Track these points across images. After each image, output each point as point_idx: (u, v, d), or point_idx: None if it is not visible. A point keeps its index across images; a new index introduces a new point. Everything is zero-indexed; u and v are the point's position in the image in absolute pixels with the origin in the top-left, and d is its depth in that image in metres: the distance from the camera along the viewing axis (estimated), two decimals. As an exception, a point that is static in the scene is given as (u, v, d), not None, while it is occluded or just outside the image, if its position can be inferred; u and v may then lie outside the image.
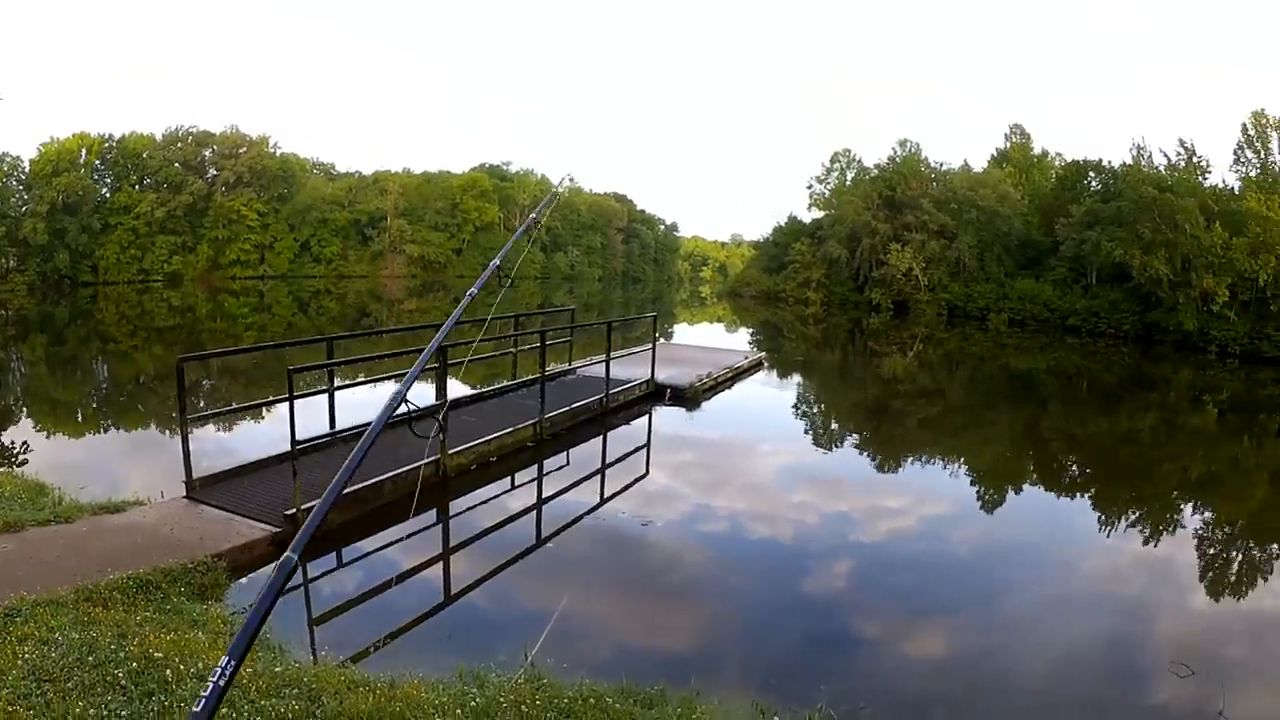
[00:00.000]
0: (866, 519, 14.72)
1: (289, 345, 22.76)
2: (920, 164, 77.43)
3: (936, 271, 66.45)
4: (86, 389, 27.92)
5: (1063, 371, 40.14)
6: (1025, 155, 79.43)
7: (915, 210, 68.85)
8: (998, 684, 8.75)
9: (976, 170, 75.00)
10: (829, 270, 75.17)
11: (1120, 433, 25.10)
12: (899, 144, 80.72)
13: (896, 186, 73.27)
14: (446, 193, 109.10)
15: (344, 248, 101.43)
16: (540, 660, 7.48)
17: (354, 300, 68.96)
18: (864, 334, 55.32)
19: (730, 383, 26.07)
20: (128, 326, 48.17)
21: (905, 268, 66.69)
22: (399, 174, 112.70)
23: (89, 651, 6.35)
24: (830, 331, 56.98)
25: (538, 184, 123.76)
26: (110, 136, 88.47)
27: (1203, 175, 55.89)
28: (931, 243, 66.82)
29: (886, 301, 68.12)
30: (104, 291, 72.16)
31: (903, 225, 69.25)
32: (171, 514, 10.74)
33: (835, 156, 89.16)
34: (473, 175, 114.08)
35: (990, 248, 65.95)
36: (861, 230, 71.52)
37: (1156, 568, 12.94)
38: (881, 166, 79.77)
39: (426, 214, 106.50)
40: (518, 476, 15.09)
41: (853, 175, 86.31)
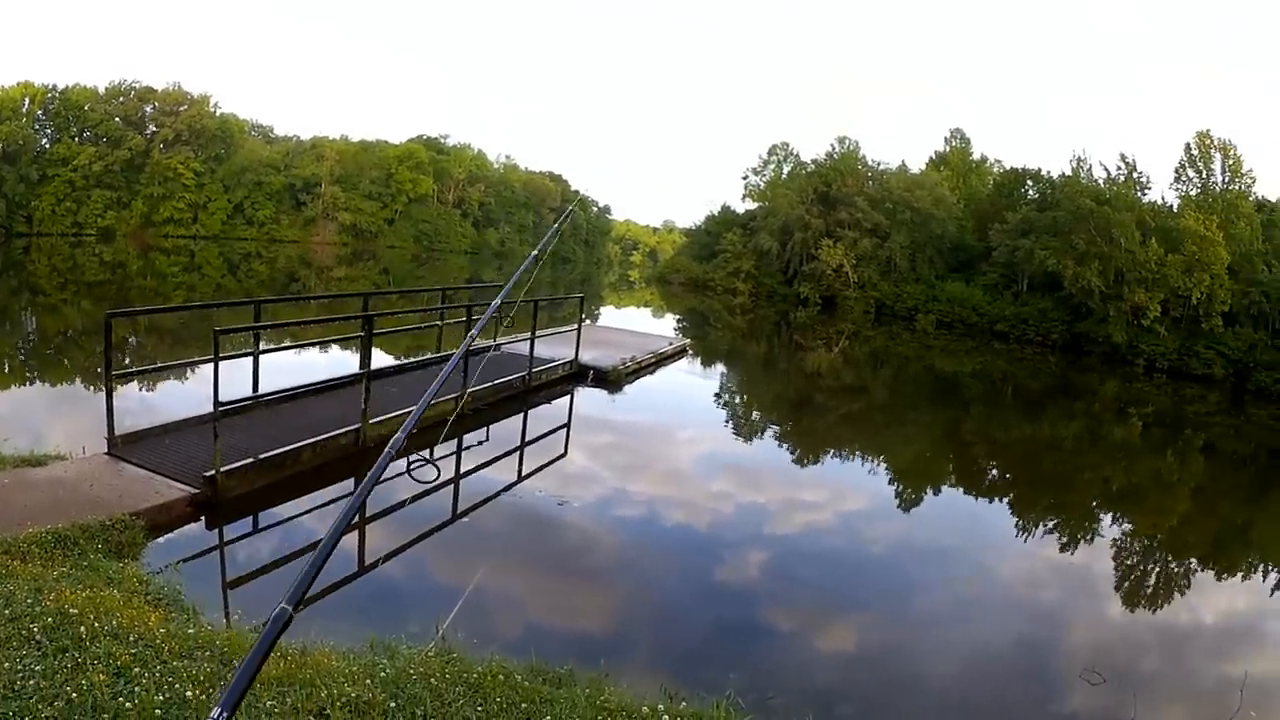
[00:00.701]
0: (783, 511, 14.92)
1: (217, 306, 22.84)
2: (858, 162, 77.81)
3: (867, 269, 66.86)
4: (13, 341, 27.62)
5: (988, 376, 40.75)
6: (964, 160, 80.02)
7: (850, 207, 69.15)
8: (907, 682, 8.93)
9: (914, 171, 75.43)
10: (759, 262, 75.31)
11: (1043, 440, 25.52)
12: (837, 140, 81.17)
13: (832, 183, 73.57)
14: (382, 162, 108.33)
15: (277, 212, 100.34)
16: (451, 634, 7.54)
17: (284, 265, 68.41)
18: (790, 327, 55.65)
19: (654, 368, 26.22)
20: (58, 279, 47.66)
21: (836, 264, 66.98)
22: (336, 141, 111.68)
23: (5, 605, 6.38)
24: (757, 323, 57.32)
25: (473, 159, 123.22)
26: (54, 87, 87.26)
27: (1141, 190, 56.51)
28: (864, 240, 67.20)
29: (815, 296, 68.26)
30: (37, 243, 71.17)
31: (836, 221, 69.52)
32: (92, 470, 10.73)
33: (773, 149, 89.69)
34: (409, 146, 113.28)
35: (923, 249, 66.47)
36: (794, 224, 71.73)
37: (1073, 575, 13.21)
38: (819, 162, 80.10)
39: (361, 182, 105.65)
40: (437, 450, 14.80)
41: (789, 169, 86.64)
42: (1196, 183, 55.43)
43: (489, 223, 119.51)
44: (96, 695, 5.23)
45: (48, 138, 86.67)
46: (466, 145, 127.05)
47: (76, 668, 5.57)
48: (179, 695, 5.43)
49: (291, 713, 5.55)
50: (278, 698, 5.68)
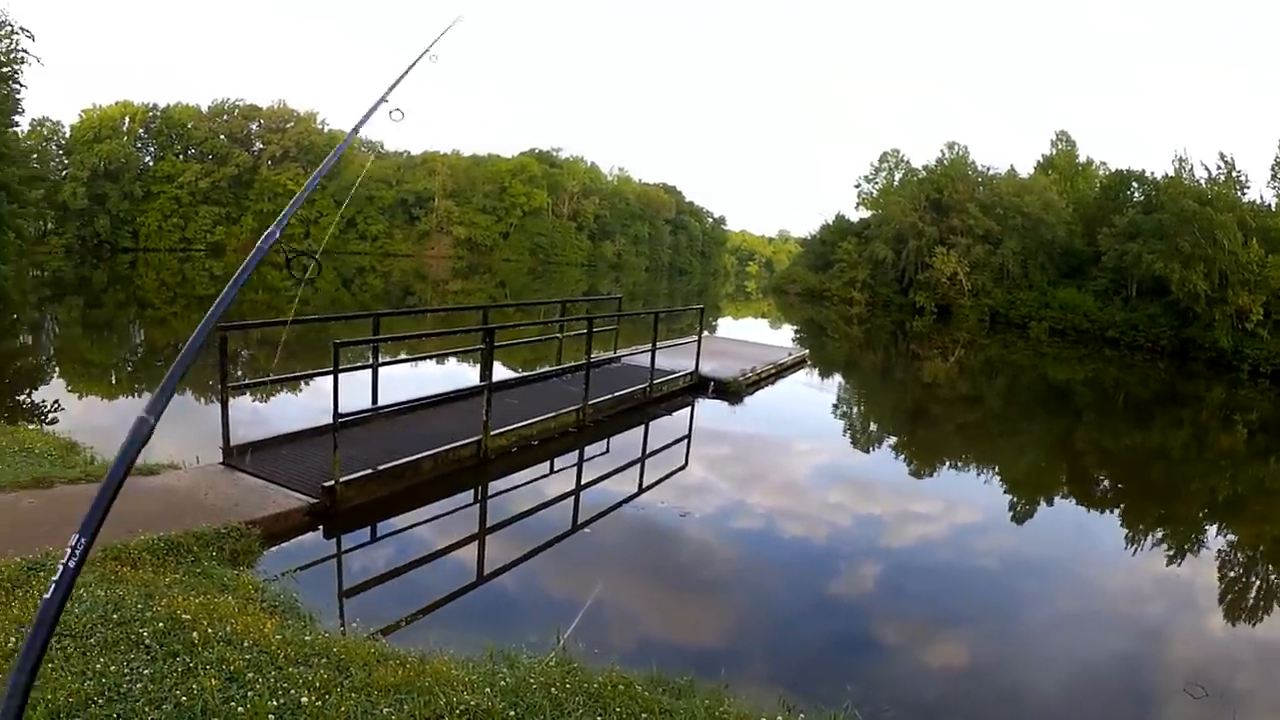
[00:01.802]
0: (897, 523, 14.64)
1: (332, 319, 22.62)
2: (967, 167, 77.18)
3: (980, 277, 66.15)
4: (122, 353, 28.01)
5: (1099, 384, 39.96)
6: (1070, 163, 78.81)
7: (961, 214, 68.59)
8: (1013, 696, 8.68)
9: (1022, 176, 74.59)
10: (874, 271, 74.84)
11: (1152, 448, 24.93)
12: (946, 146, 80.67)
13: (944, 189, 73.10)
14: (495, 176, 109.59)
15: (390, 226, 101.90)
16: (571, 645, 7.40)
17: (399, 279, 69.28)
18: (906, 336, 55.20)
19: (773, 379, 25.86)
20: (167, 293, 48.50)
21: (950, 271, 66.41)
22: (448, 155, 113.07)
23: (114, 609, 6.24)
24: (873, 332, 56.80)
25: (586, 171, 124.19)
26: (154, 106, 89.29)
27: (1241, 190, 55.30)
28: (976, 247, 66.55)
29: (930, 305, 67.83)
30: (144, 258, 72.65)
31: (948, 228, 69.05)
32: (207, 479, 10.67)
33: (884, 156, 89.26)
34: (522, 160, 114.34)
35: (1034, 255, 65.48)
36: (908, 232, 71.29)
37: (1177, 588, 12.81)
38: (929, 168, 79.67)
39: (474, 196, 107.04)
40: (558, 461, 14.96)
41: (901, 176, 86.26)
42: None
43: (604, 235, 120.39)
44: (207, 699, 5.14)
45: (150, 155, 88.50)
46: (579, 158, 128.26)
47: (187, 672, 5.51)
48: (293, 700, 5.36)
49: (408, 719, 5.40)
50: (395, 705, 5.56)
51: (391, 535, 10.96)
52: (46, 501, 9.08)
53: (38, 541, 7.60)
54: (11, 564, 6.97)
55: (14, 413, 16.73)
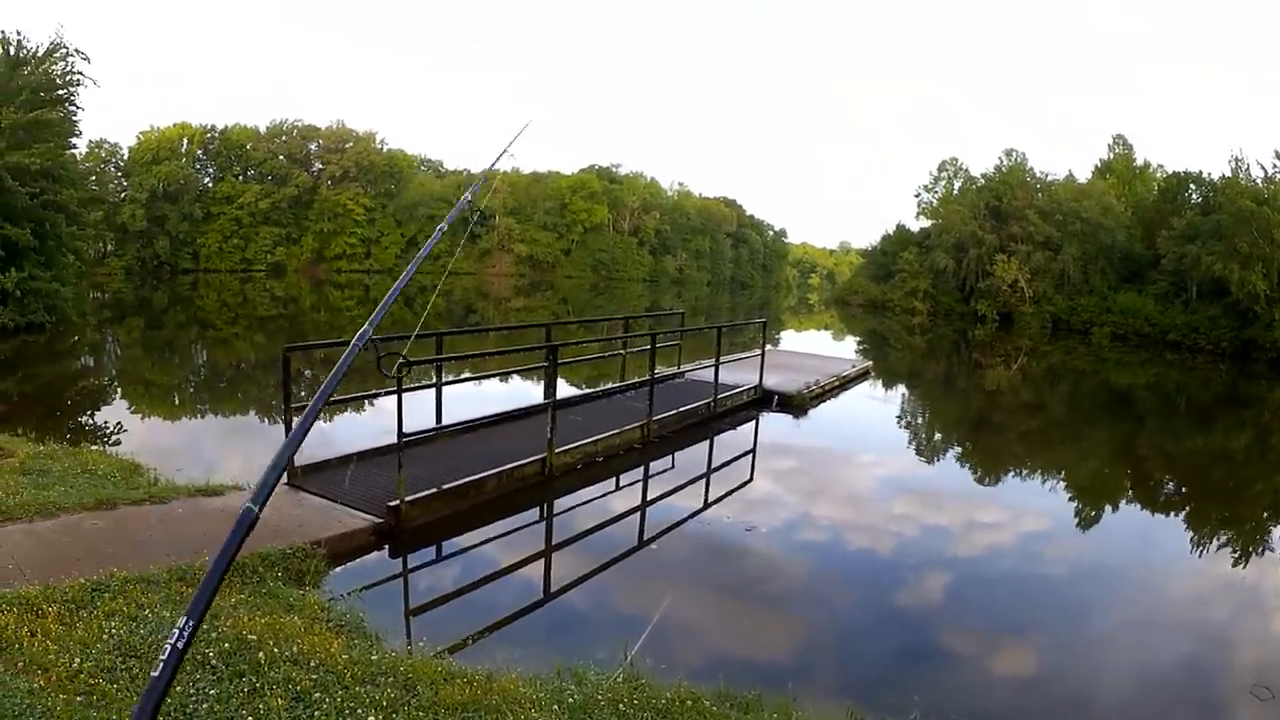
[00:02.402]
0: (962, 533, 14.51)
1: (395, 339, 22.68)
2: (1025, 174, 77.02)
3: (1041, 283, 66.10)
4: (184, 373, 28.23)
5: (1161, 388, 39.74)
6: (1128, 166, 78.64)
7: (1021, 221, 68.62)
8: (1078, 702, 8.53)
9: (1080, 181, 74.62)
10: (935, 280, 75.04)
11: (1215, 451, 24.69)
12: (1005, 154, 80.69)
13: (1002, 196, 73.04)
14: (555, 193, 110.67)
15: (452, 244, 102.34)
16: (639, 661, 7.37)
17: (460, 297, 69.59)
18: (969, 345, 55.16)
19: (837, 391, 25.81)
20: (228, 314, 48.97)
21: (1010, 279, 66.41)
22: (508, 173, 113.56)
23: None
24: (935, 342, 56.72)
25: (646, 186, 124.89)
26: (212, 127, 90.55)
27: (1298, 188, 54.51)
28: (1036, 254, 66.51)
29: (992, 313, 68.00)
30: (204, 279, 73.45)
31: (1008, 236, 69.13)
32: (271, 500, 10.46)
33: (943, 165, 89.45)
34: (582, 176, 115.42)
35: (1094, 260, 65.35)
36: (968, 240, 71.41)
37: (1241, 590, 12.61)
38: (988, 176, 79.46)
39: (535, 213, 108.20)
40: (622, 478, 14.92)
41: (960, 184, 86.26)
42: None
43: (665, 250, 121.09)
44: (273, 719, 5.18)
45: (209, 176, 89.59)
46: (639, 174, 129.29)
47: (253, 692, 5.58)
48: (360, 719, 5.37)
49: (475, 737, 5.35)
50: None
51: (457, 554, 10.95)
52: (110, 523, 9.09)
53: (102, 563, 7.65)
54: (76, 585, 6.98)
55: (76, 434, 16.79)
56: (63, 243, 32.50)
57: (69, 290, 32.21)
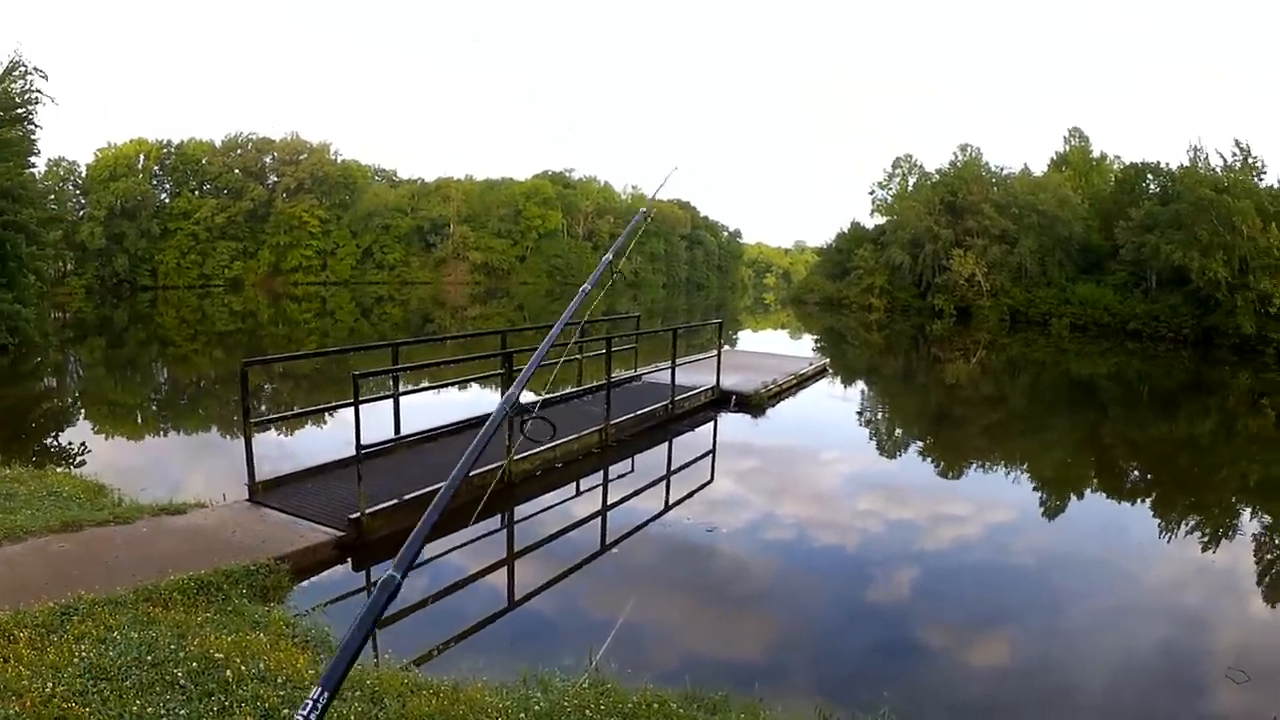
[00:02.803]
0: (929, 527, 14.56)
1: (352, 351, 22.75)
2: (981, 169, 77.43)
3: (998, 277, 66.28)
4: (146, 392, 28.20)
5: (1123, 377, 39.99)
6: (1084, 158, 79.04)
7: (976, 215, 68.83)
8: (1057, 691, 8.62)
9: (1036, 174, 74.87)
10: (892, 276, 75.27)
11: (1180, 438, 24.94)
12: (959, 149, 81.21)
13: (958, 191, 73.29)
14: (509, 200, 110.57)
15: (406, 254, 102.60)
16: (604, 665, 7.43)
17: (417, 306, 69.56)
18: (927, 340, 55.22)
19: (795, 390, 25.91)
20: (188, 330, 48.80)
21: (968, 273, 66.59)
22: (461, 181, 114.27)
23: (148, 650, 6.30)
24: (893, 338, 56.84)
25: (600, 191, 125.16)
26: (169, 142, 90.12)
27: (1258, 176, 55.33)
28: (993, 248, 66.71)
29: (949, 307, 68.14)
30: (163, 295, 73.14)
31: (964, 230, 69.30)
32: (233, 516, 10.75)
33: (897, 162, 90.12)
34: (535, 182, 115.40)
35: (1051, 252, 65.57)
36: (924, 236, 71.62)
37: (1214, 574, 12.75)
38: (943, 171, 80.00)
39: (489, 221, 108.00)
40: (582, 482, 14.97)
41: (914, 180, 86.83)
42: (1312, 163, 54.36)
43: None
44: None
45: (166, 192, 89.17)
46: (592, 178, 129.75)
47: (222, 711, 5.61)
48: (330, 735, 5.29)
49: (444, 748, 5.40)
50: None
51: (420, 564, 10.69)
52: (77, 545, 9.14)
53: (70, 586, 7.69)
54: (46, 608, 7.02)
55: (42, 456, 16.74)
56: (23, 263, 32.33)
57: (30, 311, 32.04)
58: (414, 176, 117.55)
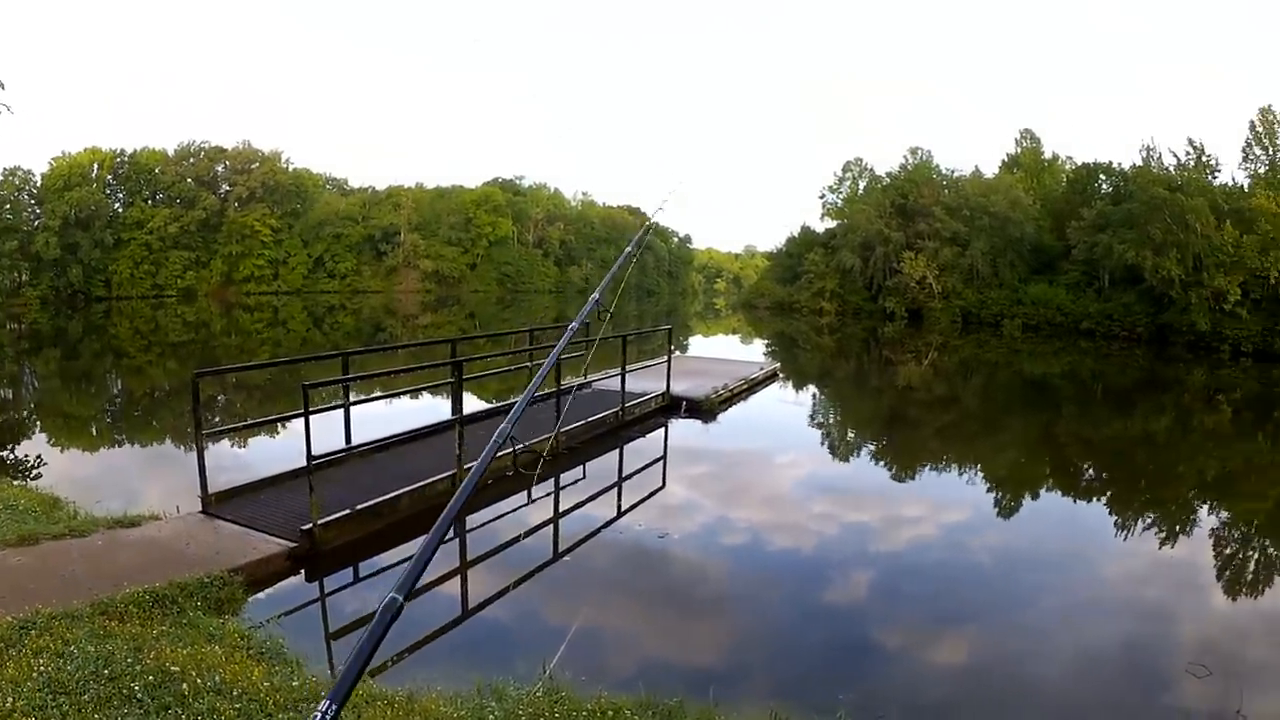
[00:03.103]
0: (885, 528, 14.64)
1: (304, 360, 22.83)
2: (932, 171, 78.15)
3: (950, 278, 66.67)
4: (100, 403, 28.04)
5: (1077, 375, 40.26)
6: (1036, 160, 79.53)
7: (928, 218, 69.28)
8: (1017, 689, 8.73)
9: (987, 176, 75.33)
10: (843, 280, 75.45)
11: (1135, 435, 25.15)
12: (910, 152, 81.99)
13: (909, 194, 73.88)
14: (460, 207, 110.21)
15: (358, 263, 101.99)
16: (559, 674, 7.43)
17: (369, 315, 69.23)
18: (879, 343, 55.32)
19: (746, 394, 25.99)
20: (141, 341, 48.38)
21: (919, 275, 66.94)
22: (412, 189, 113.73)
23: (105, 664, 6.34)
24: (845, 341, 56.89)
25: (550, 198, 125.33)
26: (122, 151, 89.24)
27: (1212, 174, 56.07)
28: (945, 250, 67.12)
29: (901, 309, 68.52)
30: (117, 306, 72.47)
31: (915, 233, 69.75)
32: (187, 528, 10.73)
33: (847, 166, 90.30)
34: (485, 190, 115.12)
35: (1003, 253, 65.96)
36: (875, 239, 71.88)
37: (1173, 569, 12.91)
38: (893, 175, 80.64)
39: (440, 229, 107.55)
40: (534, 490, 14.92)
41: (865, 184, 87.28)
42: (1264, 160, 54.95)
43: (571, 260, 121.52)
44: None
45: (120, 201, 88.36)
46: (543, 185, 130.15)
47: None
48: (285, 748, 5.33)
49: (399, 759, 5.42)
50: None
51: (374, 574, 10.98)
52: (33, 559, 9.15)
53: (27, 600, 7.72)
54: (4, 623, 7.05)
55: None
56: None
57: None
58: (365, 185, 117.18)
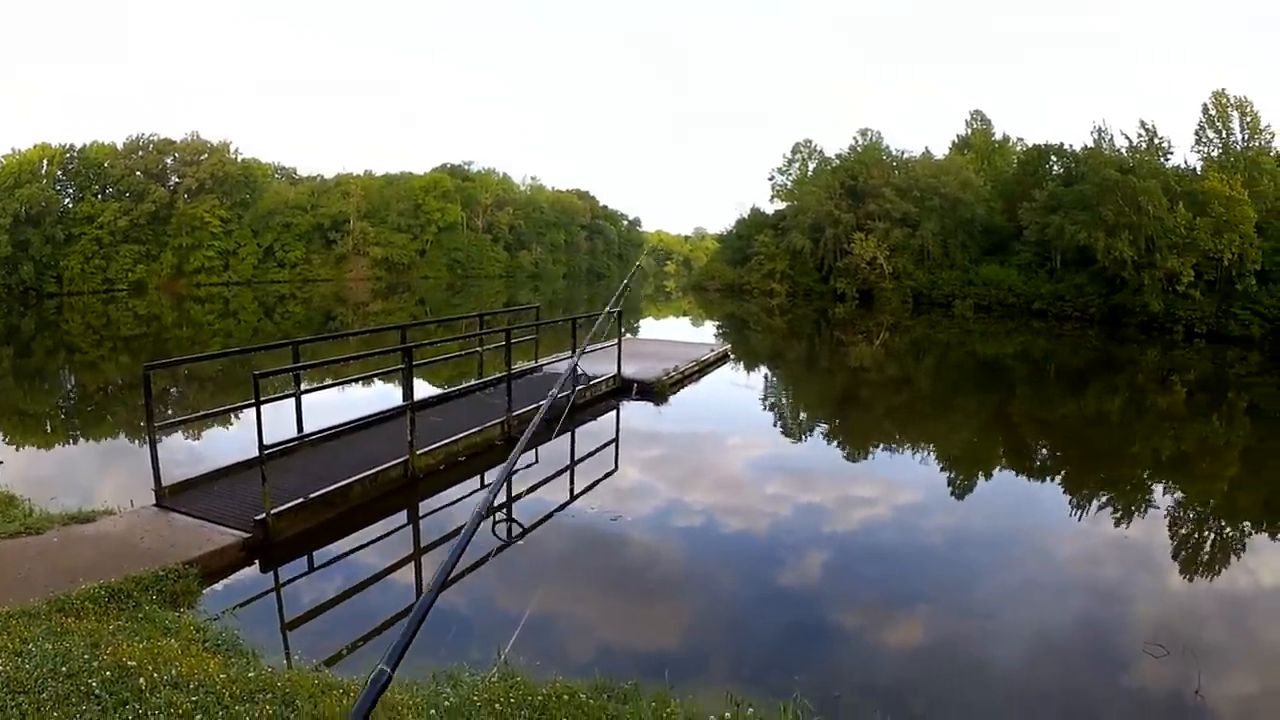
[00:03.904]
0: (839, 509, 14.76)
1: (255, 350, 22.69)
2: (881, 153, 78.05)
3: (901, 259, 66.72)
4: (54, 400, 27.81)
5: (1030, 356, 40.35)
6: (986, 141, 79.66)
7: (878, 199, 69.19)
8: (974, 669, 8.82)
9: (938, 157, 75.33)
10: (793, 261, 75.41)
11: (1089, 415, 25.26)
12: (860, 133, 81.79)
13: (858, 176, 73.77)
14: (408, 194, 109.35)
15: (308, 252, 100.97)
16: (513, 659, 7.50)
17: (319, 304, 68.81)
18: (830, 324, 55.35)
19: (697, 376, 26.14)
20: (94, 336, 47.95)
21: (869, 256, 66.87)
22: (360, 176, 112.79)
23: (62, 662, 6.35)
24: (796, 322, 56.89)
25: (499, 183, 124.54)
26: (71, 147, 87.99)
27: (1164, 156, 55.88)
28: (895, 231, 67.09)
29: (852, 290, 68.44)
30: (69, 302, 71.60)
31: (866, 214, 69.66)
32: (142, 522, 10.73)
33: (796, 147, 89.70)
34: (434, 176, 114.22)
35: (954, 234, 66.11)
36: (825, 220, 71.86)
37: (1129, 549, 13.01)
38: (843, 156, 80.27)
39: (389, 216, 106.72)
40: (487, 475, 15.00)
41: (814, 166, 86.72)
42: (1217, 143, 55.03)
43: (520, 245, 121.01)
44: None
45: (70, 197, 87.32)
46: (491, 170, 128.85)
47: (137, 719, 5.61)
48: (241, 737, 5.37)
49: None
50: None
51: (328, 564, 11.02)
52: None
53: (-17, 597, 7.69)
54: (-39, 622, 7.02)
55: (-49, 470, 16.62)
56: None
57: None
58: (314, 174, 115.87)
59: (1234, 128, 54.70)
